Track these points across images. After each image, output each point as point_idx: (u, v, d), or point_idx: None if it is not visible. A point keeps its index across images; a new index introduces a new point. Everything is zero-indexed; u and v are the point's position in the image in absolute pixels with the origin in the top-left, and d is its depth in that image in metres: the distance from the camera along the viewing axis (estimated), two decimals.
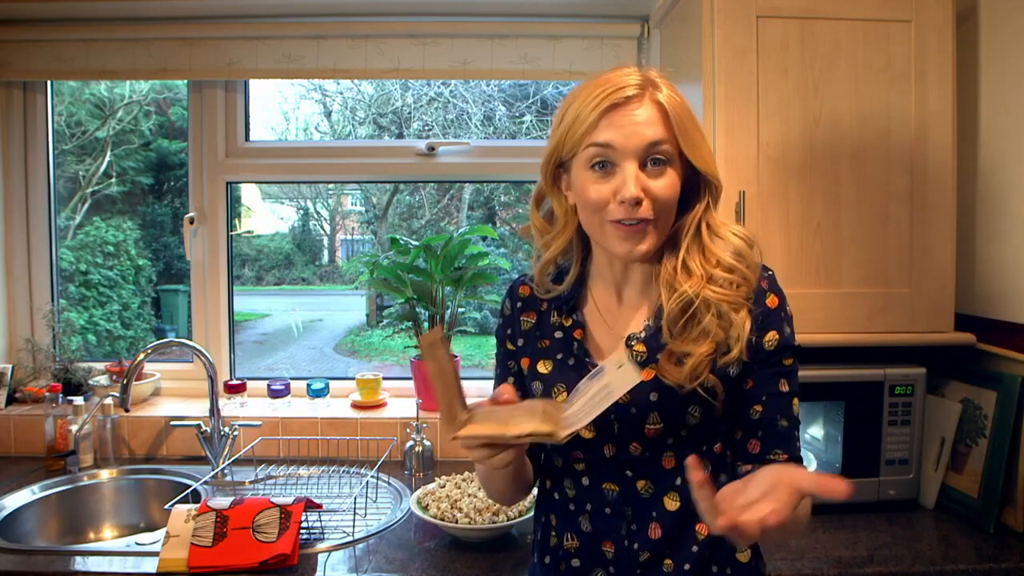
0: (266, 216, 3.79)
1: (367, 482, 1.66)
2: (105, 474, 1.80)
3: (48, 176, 2.14)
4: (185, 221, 2.10)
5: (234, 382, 2.01)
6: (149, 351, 1.75)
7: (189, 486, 1.61)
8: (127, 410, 1.73)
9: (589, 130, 0.86)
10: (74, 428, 1.81)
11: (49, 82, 2.11)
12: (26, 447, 1.92)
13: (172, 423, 1.90)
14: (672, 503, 0.90)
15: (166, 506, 1.39)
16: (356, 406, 2.02)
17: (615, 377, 0.75)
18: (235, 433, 1.84)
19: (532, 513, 1.15)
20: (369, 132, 3.09)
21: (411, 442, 1.80)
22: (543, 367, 0.96)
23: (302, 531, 1.37)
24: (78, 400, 1.86)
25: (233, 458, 1.80)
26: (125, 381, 1.66)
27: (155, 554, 1.30)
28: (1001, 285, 1.51)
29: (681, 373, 0.86)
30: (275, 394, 2.04)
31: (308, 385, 2.05)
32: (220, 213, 2.12)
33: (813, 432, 1.63)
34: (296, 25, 2.00)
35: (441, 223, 3.44)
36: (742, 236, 0.92)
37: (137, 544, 1.39)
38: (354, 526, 1.46)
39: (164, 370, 2.17)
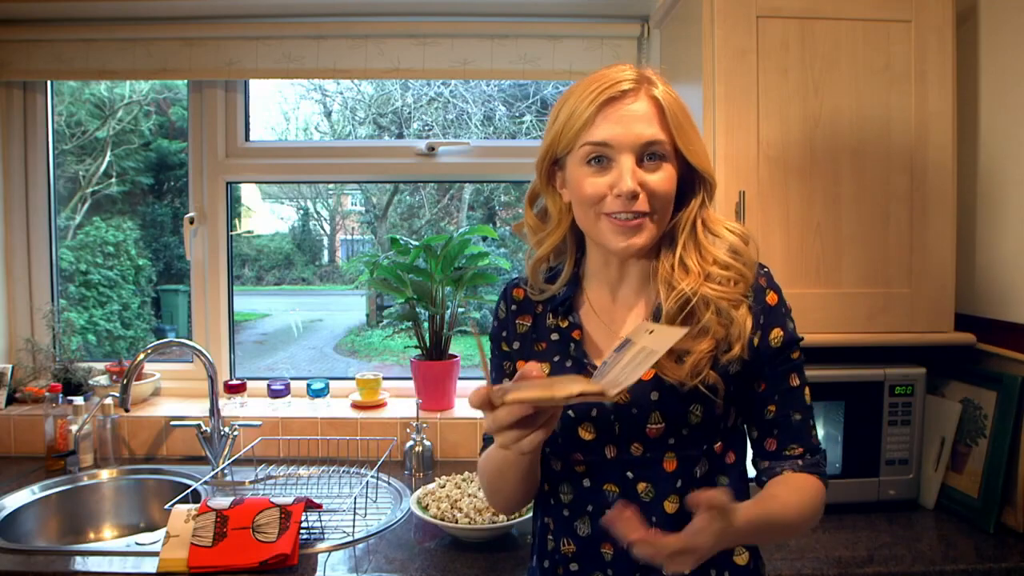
0: (266, 216, 3.78)
1: (367, 482, 1.66)
2: (105, 474, 1.80)
3: (48, 176, 2.14)
4: (185, 221, 2.10)
5: (234, 382, 2.01)
6: (149, 351, 1.75)
7: (189, 486, 1.61)
8: (127, 410, 1.73)
9: (586, 125, 0.86)
10: (74, 428, 1.81)
11: (49, 82, 2.11)
12: (26, 447, 1.92)
13: (172, 423, 1.90)
14: (672, 506, 0.89)
15: (166, 506, 1.39)
16: (356, 406, 2.02)
17: (650, 340, 0.73)
18: (235, 433, 1.84)
19: (531, 514, 1.15)
20: (369, 132, 3.09)
21: (411, 442, 1.80)
22: None
23: (302, 531, 1.37)
24: (78, 400, 1.86)
25: (233, 458, 1.80)
26: (125, 381, 1.67)
27: (155, 554, 1.30)
28: (1001, 285, 1.51)
29: (682, 371, 0.86)
30: (275, 394, 2.04)
31: (308, 385, 2.05)
32: (220, 213, 2.12)
33: None
34: (296, 25, 2.00)
35: (441, 223, 3.44)
36: (738, 232, 0.92)
37: (137, 544, 1.39)
38: (354, 526, 1.46)
39: (164, 370, 2.17)
